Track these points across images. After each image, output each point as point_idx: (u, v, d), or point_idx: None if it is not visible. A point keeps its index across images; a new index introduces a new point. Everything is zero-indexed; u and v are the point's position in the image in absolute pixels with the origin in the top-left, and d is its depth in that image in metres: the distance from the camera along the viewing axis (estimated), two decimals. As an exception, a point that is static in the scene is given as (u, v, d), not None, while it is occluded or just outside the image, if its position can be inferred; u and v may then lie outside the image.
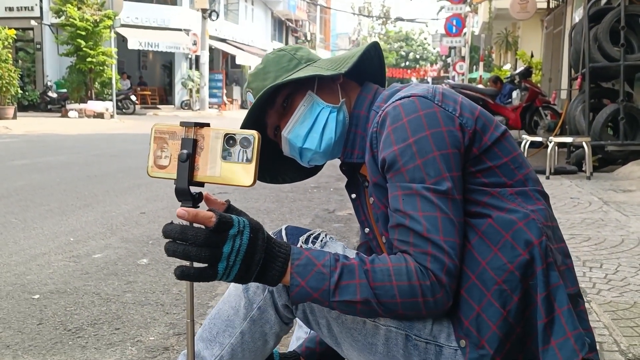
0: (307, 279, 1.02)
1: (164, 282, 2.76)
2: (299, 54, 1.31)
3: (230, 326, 1.25)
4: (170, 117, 21.62)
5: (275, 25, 39.33)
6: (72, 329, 2.19)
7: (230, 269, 0.96)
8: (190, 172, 0.99)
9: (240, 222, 0.98)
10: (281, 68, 1.27)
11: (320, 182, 5.96)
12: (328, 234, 1.31)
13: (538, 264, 1.08)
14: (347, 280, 1.02)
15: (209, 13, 24.34)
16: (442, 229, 1.04)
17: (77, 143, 10.28)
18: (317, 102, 1.27)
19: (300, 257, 1.03)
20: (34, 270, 2.92)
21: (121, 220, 4.08)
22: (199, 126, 1.00)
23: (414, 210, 1.05)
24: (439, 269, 1.02)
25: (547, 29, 15.01)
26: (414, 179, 1.06)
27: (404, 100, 1.12)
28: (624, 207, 4.16)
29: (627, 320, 2.08)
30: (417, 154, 1.07)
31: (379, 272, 1.03)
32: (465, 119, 1.11)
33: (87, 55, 18.61)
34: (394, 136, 1.09)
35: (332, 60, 1.31)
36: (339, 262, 1.04)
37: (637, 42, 6.43)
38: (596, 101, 6.83)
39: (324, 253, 1.06)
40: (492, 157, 1.12)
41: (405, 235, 1.06)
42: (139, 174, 6.36)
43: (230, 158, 0.97)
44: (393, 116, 1.11)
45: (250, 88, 1.30)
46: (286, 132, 1.28)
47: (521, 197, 1.13)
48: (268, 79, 1.27)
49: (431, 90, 1.14)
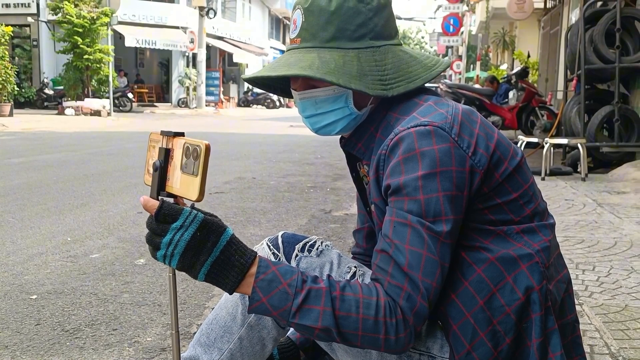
0: (269, 295, 1.00)
1: (161, 282, 2.78)
2: (374, 22, 1.16)
3: (228, 332, 1.27)
4: (167, 114, 21.61)
5: (273, 23, 39.30)
6: (70, 330, 2.21)
7: (169, 258, 0.99)
8: (162, 183, 1.00)
9: (189, 219, 0.98)
10: (344, 30, 1.14)
11: (317, 182, 5.98)
12: (324, 241, 1.31)
13: (536, 309, 1.08)
14: (310, 305, 1.00)
15: (206, 11, 24.31)
16: (423, 268, 1.01)
17: (74, 141, 10.28)
18: (346, 99, 1.19)
19: (267, 272, 1.01)
20: (32, 270, 2.93)
21: (118, 220, 4.10)
22: (173, 136, 0.99)
23: (402, 242, 1.02)
24: (409, 308, 1.00)
25: (543, 29, 15.05)
26: (412, 211, 1.03)
27: (419, 128, 1.06)
28: (617, 209, 4.19)
29: (618, 323, 2.11)
30: (421, 189, 1.03)
31: (347, 301, 1.00)
32: (478, 157, 1.07)
33: (84, 52, 18.58)
34: (404, 166, 1.05)
35: (396, 63, 1.18)
36: (306, 284, 1.01)
37: (632, 45, 6.47)
38: (591, 102, 6.87)
39: (293, 271, 1.03)
40: (501, 194, 1.10)
41: (386, 263, 1.04)
42: (135, 173, 6.37)
43: (186, 169, 0.95)
44: (406, 144, 1.06)
45: (303, 11, 1.17)
46: (299, 96, 1.22)
47: (527, 235, 1.11)
48: (325, 32, 1.15)
49: (450, 118, 1.08)
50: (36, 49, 23.05)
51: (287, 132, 13.94)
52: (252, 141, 10.99)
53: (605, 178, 5.90)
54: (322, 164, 7.64)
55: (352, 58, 1.14)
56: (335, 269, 1.26)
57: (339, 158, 8.00)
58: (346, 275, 1.25)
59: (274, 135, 12.87)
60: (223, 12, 31.04)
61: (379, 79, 1.14)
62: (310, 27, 1.16)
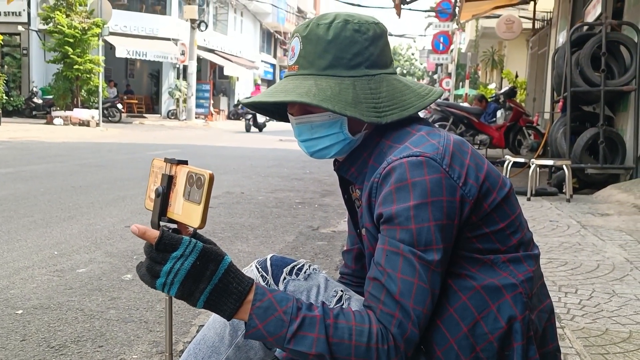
0: (265, 322, 1.03)
1: (147, 298, 2.78)
2: (369, 51, 1.19)
3: (216, 352, 1.29)
4: (156, 126, 21.57)
5: (264, 37, 39.48)
6: (56, 346, 2.21)
7: (168, 286, 1.00)
8: (164, 208, 1.03)
9: (189, 248, 1.00)
10: (341, 59, 1.18)
11: (305, 198, 6.01)
12: (312, 265, 1.34)
13: (518, 339, 1.11)
14: (305, 332, 1.03)
15: (198, 23, 24.39)
16: (414, 296, 1.04)
17: (62, 151, 10.25)
18: (341, 125, 1.21)
19: (263, 299, 1.04)
20: (18, 285, 2.93)
21: (106, 234, 4.09)
22: (176, 163, 1.03)
23: (394, 270, 1.06)
24: (400, 335, 1.04)
25: (532, 49, 15.25)
26: (404, 240, 1.06)
27: (411, 159, 1.09)
28: (600, 232, 4.25)
29: (598, 347, 2.15)
30: (413, 218, 1.06)
31: (340, 329, 1.04)
32: (468, 187, 1.10)
33: (75, 62, 18.54)
34: (396, 195, 1.07)
35: (390, 92, 1.20)
36: (301, 311, 1.05)
37: (617, 68, 6.59)
38: (577, 124, 6.97)
39: (288, 298, 1.06)
40: (489, 224, 1.13)
41: (378, 292, 1.07)
42: (124, 186, 6.37)
43: (189, 197, 0.99)
44: (398, 174, 1.08)
45: (301, 39, 1.20)
46: (295, 120, 1.25)
47: (513, 264, 1.14)
48: (322, 60, 1.18)
49: (441, 149, 1.11)
50: (26, 57, 22.99)
51: (276, 146, 13.98)
52: (241, 155, 11.01)
53: (589, 199, 5.98)
54: (310, 179, 7.67)
55: (348, 86, 1.17)
56: (322, 292, 1.28)
57: (327, 174, 8.04)
58: (332, 299, 1.27)
59: (263, 149, 12.90)
60: (215, 25, 31.16)
61: (373, 106, 1.17)
62: (308, 55, 1.19)
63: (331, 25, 1.18)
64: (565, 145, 6.74)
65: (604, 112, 6.46)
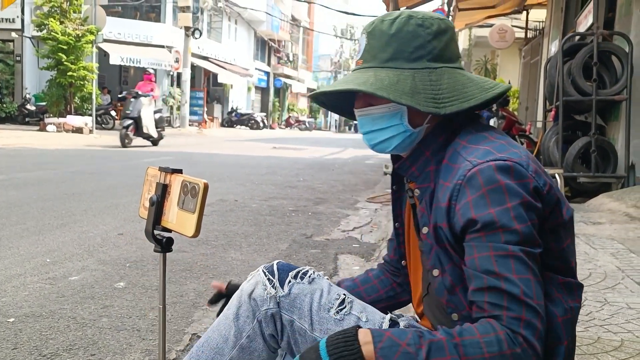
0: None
1: (140, 306, 2.78)
2: (432, 45, 1.21)
3: (220, 354, 1.30)
4: (149, 133, 21.50)
5: (258, 45, 39.54)
6: (48, 355, 2.20)
7: None
8: (158, 217, 1.04)
9: None
10: (402, 52, 1.20)
11: (298, 206, 6.02)
12: (316, 271, 1.36)
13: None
14: (436, 357, 1.01)
15: (192, 31, 24.45)
16: (535, 292, 1.04)
17: (55, 158, 10.21)
18: (401, 117, 1.23)
19: (383, 339, 1.04)
20: (10, 292, 2.91)
21: (98, 241, 4.08)
22: (171, 172, 1.04)
23: (509, 272, 1.04)
24: (532, 334, 1.02)
25: (524, 58, 15.36)
26: (510, 241, 1.06)
27: (499, 162, 1.10)
28: (592, 240, 4.27)
29: (590, 355, 2.16)
30: (515, 219, 1.06)
31: (469, 346, 1.01)
32: (550, 195, 1.13)
33: (68, 69, 18.50)
34: (490, 198, 1.08)
35: (451, 84, 1.21)
36: (424, 338, 1.03)
37: (608, 78, 6.65)
38: (569, 133, 7.02)
39: (405, 331, 1.06)
40: (556, 240, 1.15)
41: (499, 298, 1.04)
42: (117, 193, 6.35)
43: (183, 205, 1.00)
44: (487, 176, 1.09)
45: (367, 35, 1.24)
46: (358, 113, 1.28)
47: (566, 289, 1.16)
48: (384, 53, 1.21)
49: (525, 157, 1.13)
50: (19, 64, 22.94)
51: (270, 153, 13.99)
52: (235, 162, 11.01)
53: (582, 208, 6.01)
54: (304, 187, 7.68)
55: (407, 77, 1.18)
56: (326, 295, 1.31)
57: (321, 181, 8.06)
58: (335, 302, 1.30)
59: (257, 156, 12.91)
60: (209, 33, 31.20)
61: (432, 97, 1.17)
62: (372, 49, 1.23)
63: (395, 21, 1.21)
64: (557, 154, 6.79)
65: (595, 121, 6.52)
